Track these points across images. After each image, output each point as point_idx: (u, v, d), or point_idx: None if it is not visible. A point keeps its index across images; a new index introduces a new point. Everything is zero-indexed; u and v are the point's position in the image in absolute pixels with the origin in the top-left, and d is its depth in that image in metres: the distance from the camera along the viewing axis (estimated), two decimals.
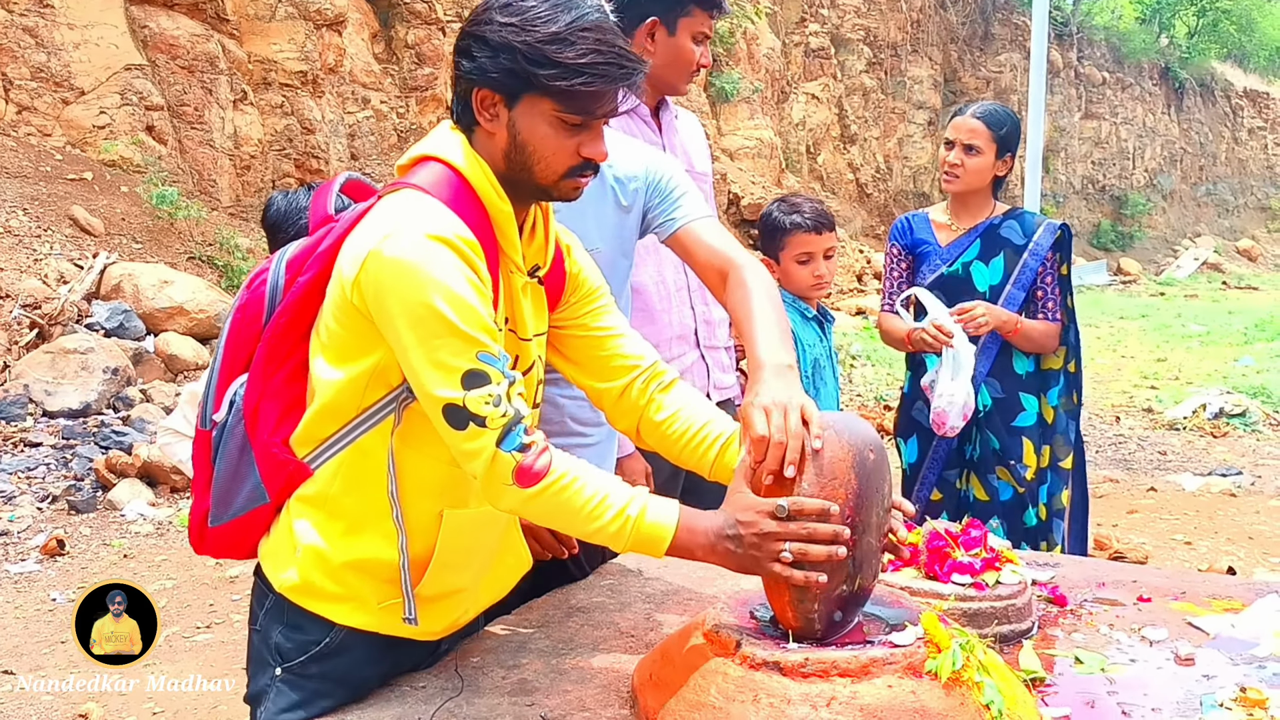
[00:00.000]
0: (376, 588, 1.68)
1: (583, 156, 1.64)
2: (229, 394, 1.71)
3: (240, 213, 10.93)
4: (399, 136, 13.03)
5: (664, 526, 1.58)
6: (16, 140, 9.49)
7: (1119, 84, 27.50)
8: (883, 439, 1.74)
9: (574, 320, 1.86)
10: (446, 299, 1.51)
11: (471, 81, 1.62)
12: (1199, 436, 8.45)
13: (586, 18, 1.59)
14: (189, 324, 8.30)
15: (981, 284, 3.41)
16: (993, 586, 1.89)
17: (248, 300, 1.72)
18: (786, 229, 3.05)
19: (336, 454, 1.65)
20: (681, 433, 1.84)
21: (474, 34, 1.61)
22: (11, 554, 5.43)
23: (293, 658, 1.69)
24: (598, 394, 1.89)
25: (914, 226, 3.52)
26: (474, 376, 1.52)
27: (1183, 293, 21.11)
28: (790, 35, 19.65)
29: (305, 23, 11.79)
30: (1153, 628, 1.94)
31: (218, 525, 1.74)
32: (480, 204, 1.64)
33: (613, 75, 1.59)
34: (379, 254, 1.53)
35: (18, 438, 6.72)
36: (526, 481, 1.54)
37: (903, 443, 3.54)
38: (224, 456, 1.71)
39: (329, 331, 1.62)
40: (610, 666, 1.78)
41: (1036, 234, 3.43)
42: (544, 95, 1.59)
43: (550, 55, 1.56)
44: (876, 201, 20.61)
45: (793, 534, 1.52)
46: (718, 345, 2.96)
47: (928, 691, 1.46)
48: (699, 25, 2.68)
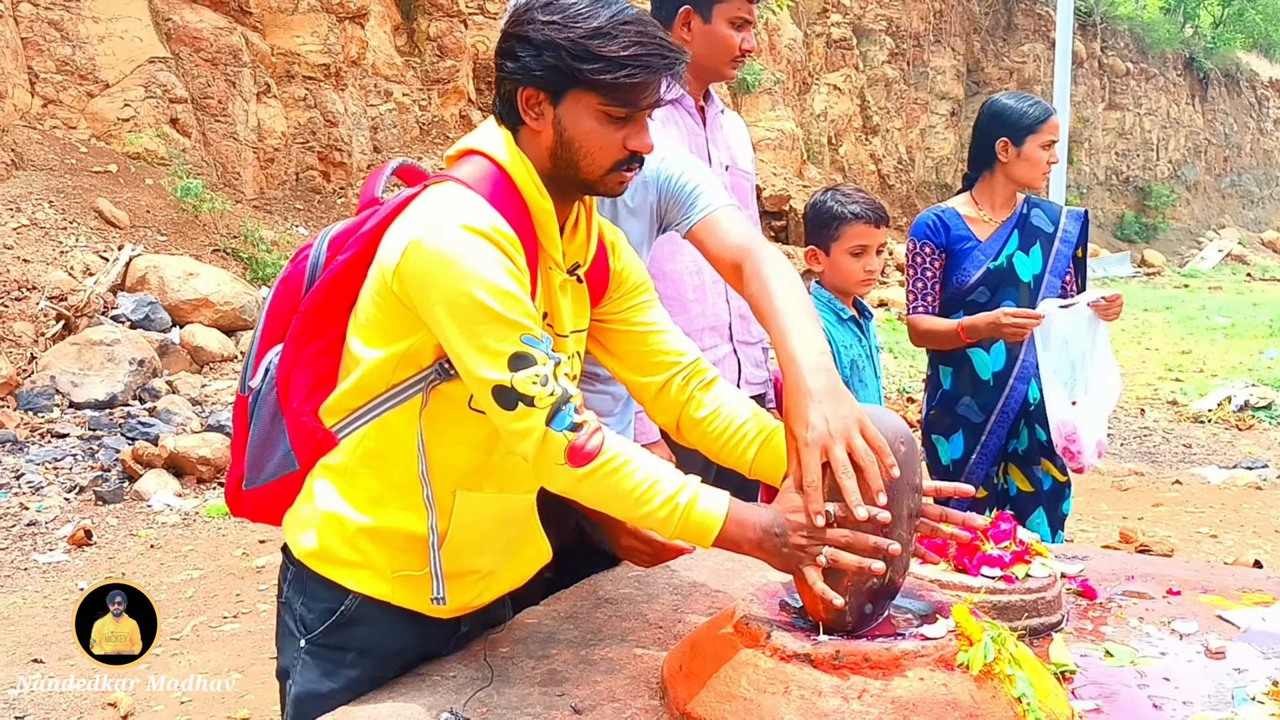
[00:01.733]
0: (392, 557, 1.71)
1: (629, 149, 1.65)
2: (264, 362, 1.76)
3: (264, 205, 10.99)
4: (421, 129, 13.06)
5: (713, 517, 1.58)
6: (42, 133, 9.56)
7: (1143, 74, 27.29)
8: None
9: (616, 315, 1.87)
10: (486, 289, 1.52)
11: (516, 81, 1.64)
12: (1224, 429, 8.39)
13: (626, 11, 1.61)
14: (214, 316, 8.36)
15: (1025, 275, 3.39)
16: (1022, 579, 1.88)
17: (290, 274, 1.77)
18: (845, 218, 2.96)
19: (361, 426, 1.68)
20: (721, 430, 1.84)
21: (516, 34, 1.62)
22: (39, 544, 5.49)
23: (315, 628, 1.72)
24: (638, 388, 1.90)
25: (948, 223, 3.42)
26: (519, 359, 1.53)
27: (1207, 284, 20.95)
28: (812, 26, 19.58)
29: (328, 15, 11.83)
30: (1183, 621, 1.93)
31: (251, 489, 1.79)
32: (522, 200, 1.66)
33: (656, 65, 1.60)
34: (419, 245, 1.54)
35: (45, 429, 6.79)
36: (578, 461, 1.54)
37: (944, 439, 3.49)
38: (258, 422, 1.76)
39: (366, 313, 1.65)
40: (639, 657, 1.79)
41: (1062, 221, 3.45)
42: (589, 90, 1.60)
43: (594, 50, 1.57)
44: (899, 193, 20.53)
45: (834, 539, 1.52)
46: (752, 340, 2.94)
47: (959, 684, 1.46)
48: (735, 10, 2.67)
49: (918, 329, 3.46)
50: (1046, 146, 3.34)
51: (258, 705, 3.76)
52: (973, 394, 3.39)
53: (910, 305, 3.49)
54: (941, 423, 3.50)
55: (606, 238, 1.85)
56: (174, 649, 4.23)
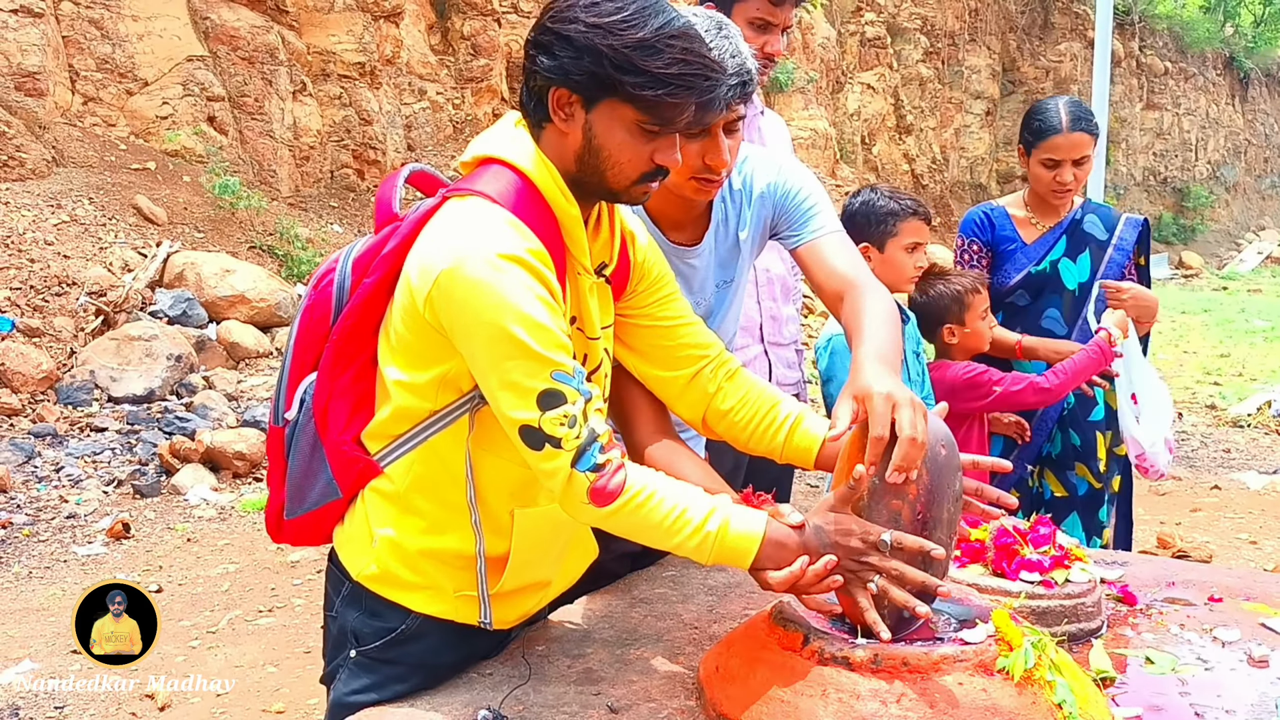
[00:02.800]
0: (453, 575, 1.71)
1: (656, 164, 1.62)
2: (299, 393, 1.74)
3: (300, 203, 11.07)
4: (455, 128, 13.10)
5: (750, 539, 1.57)
6: (82, 130, 9.68)
7: (1182, 74, 26.96)
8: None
9: (639, 310, 1.86)
10: (520, 321, 1.50)
11: (550, 80, 1.59)
12: (1264, 434, 8.28)
13: (674, 24, 1.55)
14: (250, 312, 8.43)
15: (1070, 282, 3.33)
16: (1062, 585, 1.87)
17: (315, 300, 1.73)
18: (901, 214, 2.93)
19: (408, 452, 1.67)
20: (749, 418, 1.83)
21: (557, 31, 1.57)
22: (79, 536, 5.55)
23: (369, 642, 1.72)
24: (662, 383, 1.88)
25: (995, 222, 3.38)
26: (549, 396, 1.52)
27: (1246, 287, 20.67)
28: (846, 25, 19.49)
29: (363, 14, 11.90)
30: (1225, 628, 1.91)
31: (294, 518, 1.78)
32: (548, 209, 1.63)
33: (697, 86, 1.56)
34: (452, 274, 1.52)
35: (84, 423, 6.87)
36: (601, 501, 1.55)
37: None
38: (296, 453, 1.74)
39: (399, 336, 1.63)
40: (675, 657, 1.79)
41: (1119, 229, 3.36)
42: (626, 102, 1.56)
43: (636, 62, 1.53)
44: (932, 193, 20.39)
45: (886, 570, 1.52)
46: (784, 342, 2.93)
47: (999, 689, 1.45)
48: (753, 10, 2.62)
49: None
50: (1049, 165, 3.22)
51: (292, 699, 3.79)
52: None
53: None
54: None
55: (625, 229, 1.82)
56: (210, 643, 4.27)
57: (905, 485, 1.55)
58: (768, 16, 2.63)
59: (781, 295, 2.93)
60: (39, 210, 8.46)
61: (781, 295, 2.93)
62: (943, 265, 3.29)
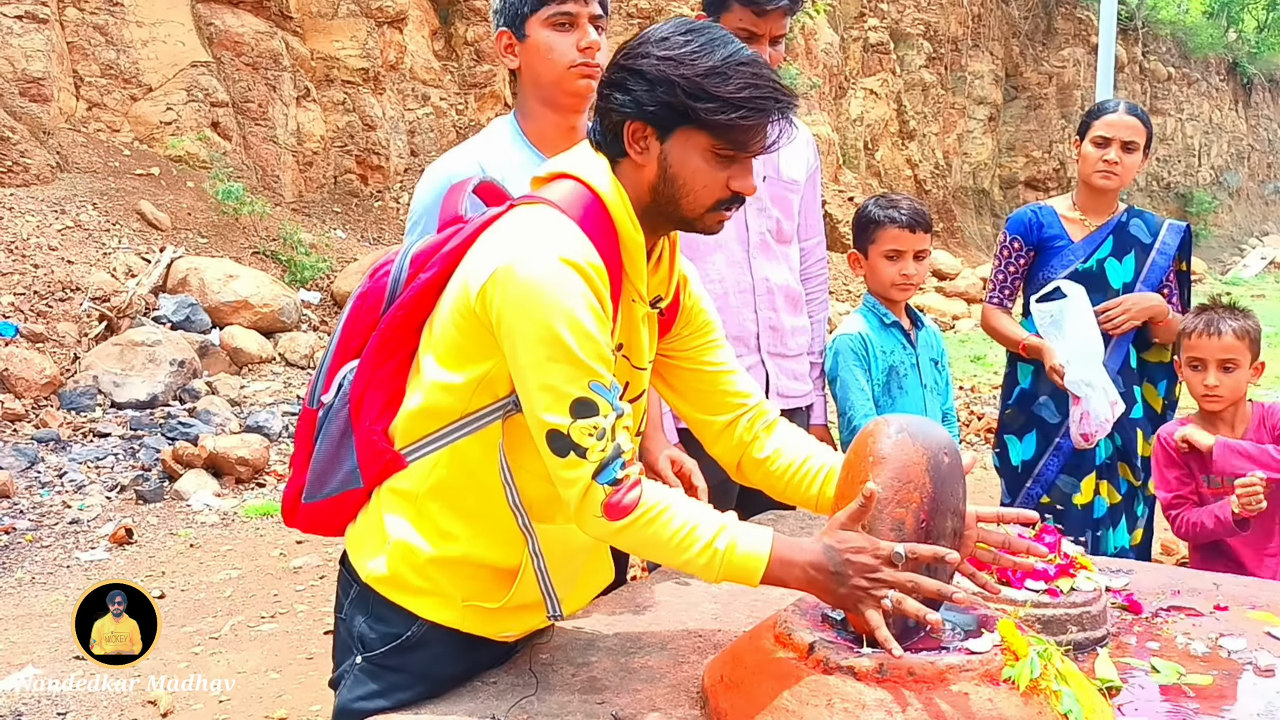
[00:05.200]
0: (462, 585, 1.70)
1: (731, 190, 1.65)
2: (338, 377, 1.75)
3: (303, 208, 11.09)
4: (458, 133, 13.12)
5: (757, 558, 1.58)
6: (86, 136, 9.70)
7: (1185, 79, 26.97)
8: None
9: (683, 353, 1.88)
10: (569, 325, 1.52)
11: (625, 114, 1.62)
12: None
13: (741, 52, 1.60)
14: (253, 318, 8.44)
15: (1116, 281, 3.39)
16: (1067, 593, 1.86)
17: (369, 289, 1.76)
18: (880, 222, 3.00)
19: (434, 452, 1.67)
20: (784, 469, 1.86)
21: (629, 68, 1.62)
22: (82, 542, 5.55)
23: (374, 648, 1.72)
24: (700, 424, 1.92)
25: (1043, 221, 3.45)
26: (583, 405, 1.54)
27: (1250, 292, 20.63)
28: (849, 30, 19.50)
29: (367, 20, 11.92)
30: (1230, 637, 1.91)
31: (311, 502, 1.79)
32: (613, 229, 1.65)
33: (769, 109, 1.60)
34: (511, 270, 1.54)
35: (87, 428, 6.88)
36: (615, 515, 1.56)
37: (1016, 439, 3.48)
38: (325, 437, 1.75)
39: (445, 332, 1.64)
40: (679, 666, 1.79)
41: (1162, 233, 3.45)
42: (700, 129, 1.59)
43: (709, 89, 1.57)
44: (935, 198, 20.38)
45: (900, 583, 1.52)
46: (787, 353, 2.92)
47: (1005, 699, 1.44)
48: (738, 21, 2.61)
49: (988, 320, 3.56)
50: (1099, 144, 3.33)
51: (295, 705, 3.78)
52: (1051, 393, 3.37)
53: (988, 294, 3.58)
54: (1016, 421, 3.50)
55: (682, 271, 1.85)
56: (212, 648, 4.26)
57: (909, 495, 1.54)
58: (752, 27, 2.62)
59: (786, 306, 2.91)
60: (43, 216, 8.48)
61: (786, 306, 2.91)
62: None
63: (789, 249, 2.97)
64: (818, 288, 3.10)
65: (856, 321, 3.08)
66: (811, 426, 3.07)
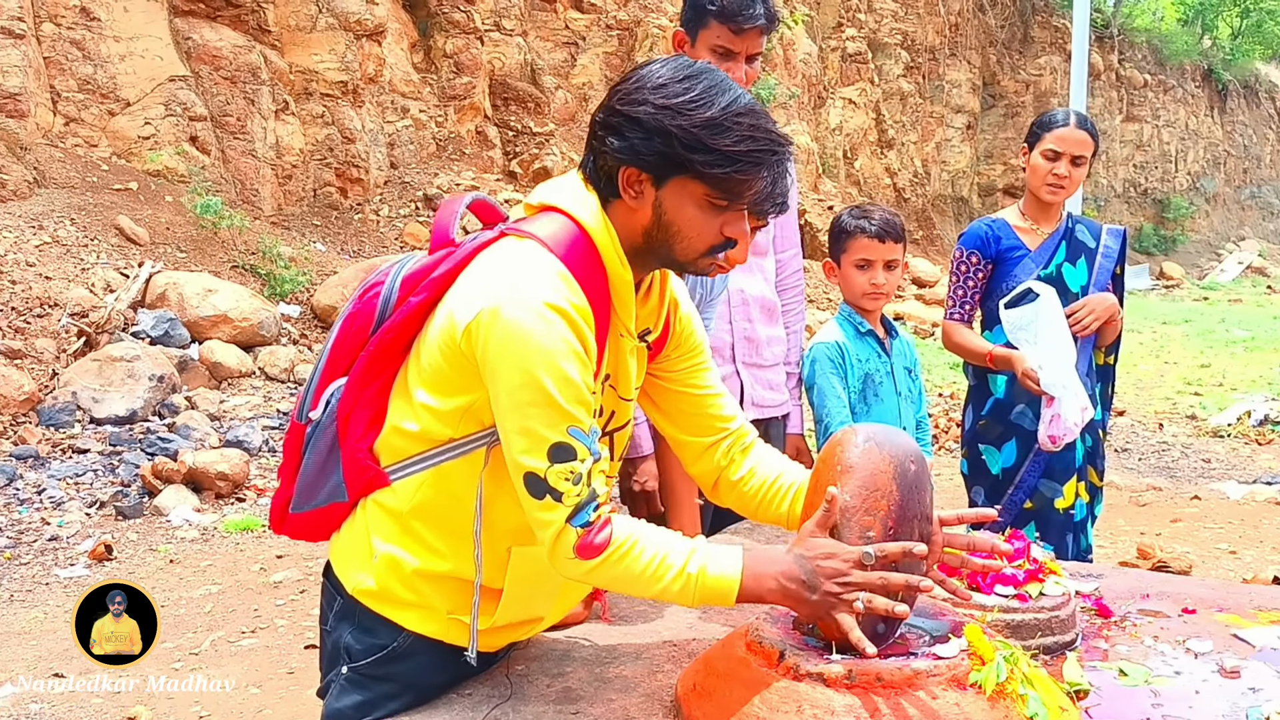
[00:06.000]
0: (446, 598, 1.72)
1: (725, 236, 1.65)
2: (326, 394, 1.77)
3: (282, 222, 11.07)
4: (438, 145, 13.14)
5: (729, 579, 1.60)
6: (64, 151, 9.67)
7: (1161, 86, 27.21)
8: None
9: (672, 374, 1.90)
10: (550, 372, 1.54)
11: (620, 160, 1.62)
12: (1243, 444, 8.34)
13: (740, 101, 1.59)
14: (233, 332, 8.42)
15: (1074, 285, 3.44)
16: (1036, 598, 1.89)
17: (358, 309, 1.77)
18: (850, 232, 3.04)
19: (418, 472, 1.69)
20: (756, 489, 1.88)
21: (625, 113, 1.61)
22: (61, 559, 5.53)
23: (360, 658, 1.74)
24: (682, 445, 1.94)
25: (999, 234, 3.49)
26: (561, 450, 1.55)
27: (1226, 297, 20.84)
28: (827, 40, 19.61)
29: (346, 33, 11.93)
30: (1198, 640, 1.93)
31: (298, 512, 1.82)
32: (601, 267, 1.66)
33: (766, 161, 1.60)
34: (497, 313, 1.54)
35: (66, 444, 6.84)
36: (587, 554, 1.57)
37: (994, 449, 3.50)
38: (313, 452, 1.77)
39: (432, 361, 1.65)
40: (653, 675, 1.80)
41: (1103, 237, 3.50)
42: (696, 179, 1.59)
43: (706, 141, 1.56)
44: (914, 206, 20.51)
45: (871, 584, 1.54)
46: (763, 363, 2.94)
47: (972, 704, 1.46)
48: (715, 38, 2.63)
49: (951, 337, 3.55)
50: (1049, 157, 3.36)
51: (274, 719, 3.78)
52: (1028, 401, 3.39)
53: (948, 311, 3.58)
54: (992, 432, 3.51)
55: (672, 295, 1.86)
56: (193, 664, 4.25)
57: (876, 503, 1.57)
58: (729, 44, 2.64)
59: (761, 316, 2.94)
60: (20, 231, 8.45)
61: (761, 316, 2.94)
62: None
63: (764, 261, 3.00)
64: (794, 299, 3.13)
65: (833, 330, 3.11)
66: (788, 436, 3.09)
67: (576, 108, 14.87)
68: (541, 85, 14.45)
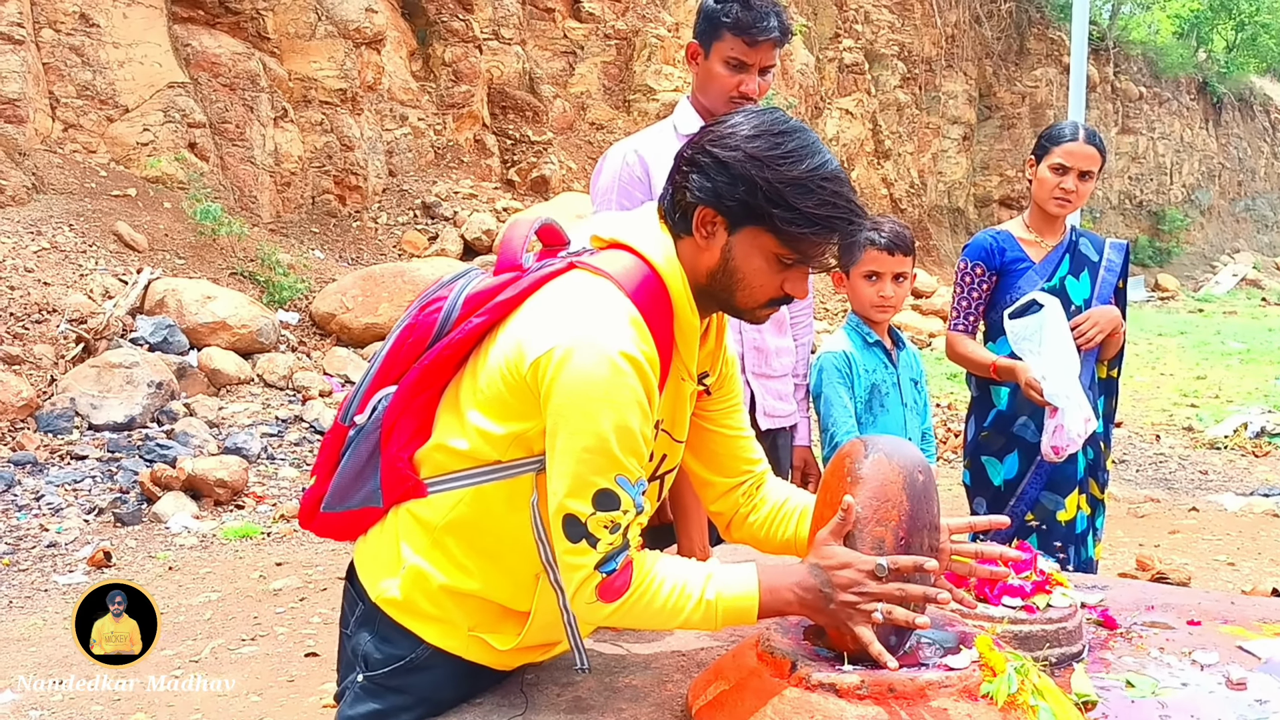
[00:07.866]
0: (469, 615, 1.73)
1: (784, 292, 1.68)
2: (374, 401, 1.78)
3: (281, 229, 11.07)
4: (436, 153, 13.14)
5: (747, 598, 1.61)
6: (63, 157, 9.66)
7: (1156, 99, 27.28)
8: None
9: (706, 413, 1.90)
10: (614, 424, 1.55)
11: (699, 199, 1.64)
12: (1240, 456, 8.36)
13: (827, 166, 1.61)
14: (231, 339, 8.42)
15: (1077, 298, 3.45)
16: (1043, 609, 1.90)
17: (419, 322, 1.78)
18: (861, 244, 3.03)
19: (457, 489, 1.69)
20: (765, 520, 1.90)
21: (715, 156, 1.63)
22: (59, 565, 5.52)
23: (378, 667, 1.74)
24: (703, 482, 1.96)
25: (1003, 245, 3.49)
26: (606, 497, 1.56)
27: (1221, 309, 20.88)
28: (824, 51, 19.66)
29: (345, 41, 11.94)
30: (1203, 651, 1.94)
31: (329, 512, 1.82)
32: (669, 312, 1.67)
33: (840, 229, 1.63)
34: (569, 355, 1.55)
35: (64, 450, 6.83)
36: (609, 597, 1.59)
37: (996, 460, 3.51)
38: (353, 455, 1.78)
39: (491, 385, 1.65)
40: (663, 685, 1.81)
41: (1106, 251, 3.52)
42: (770, 232, 1.62)
43: (788, 199, 1.59)
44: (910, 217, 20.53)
45: (889, 595, 1.55)
46: (774, 374, 2.95)
47: (984, 715, 1.47)
48: (729, 50, 2.65)
49: (954, 348, 3.54)
50: (1057, 170, 3.37)
51: None
52: (1031, 414, 3.41)
53: (951, 322, 3.58)
54: (994, 443, 3.52)
55: (725, 340, 1.88)
56: (192, 672, 4.24)
57: (888, 513, 1.58)
58: (743, 56, 2.66)
59: (770, 327, 2.95)
60: (19, 237, 8.44)
61: (770, 327, 2.95)
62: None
63: None
64: (802, 311, 3.14)
65: (841, 339, 3.11)
66: (795, 447, 3.10)
67: (574, 117, 14.89)
68: (540, 94, 14.47)
